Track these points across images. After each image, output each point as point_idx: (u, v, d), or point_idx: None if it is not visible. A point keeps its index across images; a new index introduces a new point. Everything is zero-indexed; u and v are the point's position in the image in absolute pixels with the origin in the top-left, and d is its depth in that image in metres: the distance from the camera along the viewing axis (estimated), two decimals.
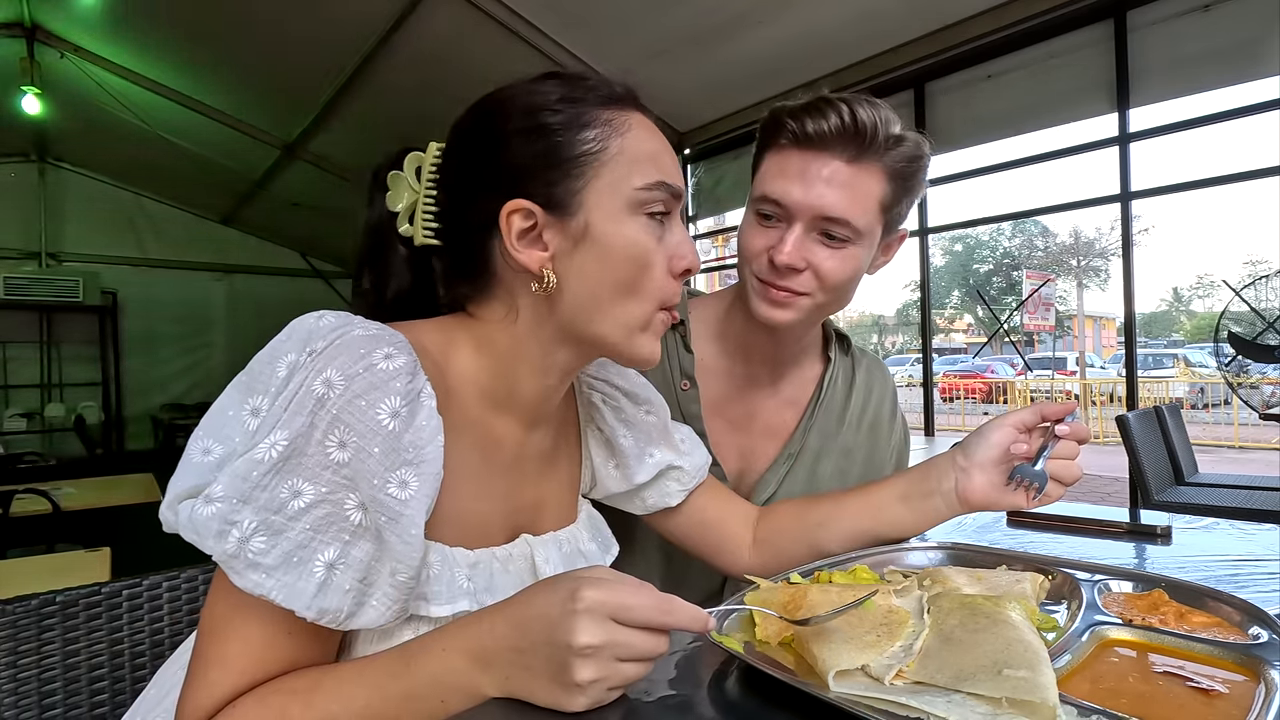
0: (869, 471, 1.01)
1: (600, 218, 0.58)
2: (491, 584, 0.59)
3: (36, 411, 6.72)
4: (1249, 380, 7.29)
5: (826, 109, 0.81)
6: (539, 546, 0.65)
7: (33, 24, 4.73)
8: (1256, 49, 2.93)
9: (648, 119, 0.63)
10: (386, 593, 0.51)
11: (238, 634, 0.50)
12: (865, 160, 0.81)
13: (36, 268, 6.64)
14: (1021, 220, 29.28)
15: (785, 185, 0.82)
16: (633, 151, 0.59)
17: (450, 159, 0.63)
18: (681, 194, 0.61)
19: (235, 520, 0.47)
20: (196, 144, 5.57)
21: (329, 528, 0.49)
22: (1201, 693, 0.46)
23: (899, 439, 1.07)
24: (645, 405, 0.79)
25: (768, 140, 0.87)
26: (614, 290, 0.59)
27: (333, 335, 0.51)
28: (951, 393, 16.60)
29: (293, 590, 0.48)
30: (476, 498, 0.60)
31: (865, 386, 1.04)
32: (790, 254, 0.82)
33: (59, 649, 0.75)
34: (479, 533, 0.61)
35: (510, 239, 0.58)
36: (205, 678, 0.50)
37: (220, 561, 0.48)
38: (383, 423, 0.50)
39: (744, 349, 0.97)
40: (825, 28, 3.52)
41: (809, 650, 0.51)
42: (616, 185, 0.58)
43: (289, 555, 0.48)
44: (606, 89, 0.61)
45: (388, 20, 3.97)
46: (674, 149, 0.80)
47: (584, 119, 0.58)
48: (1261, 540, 0.85)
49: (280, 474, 0.48)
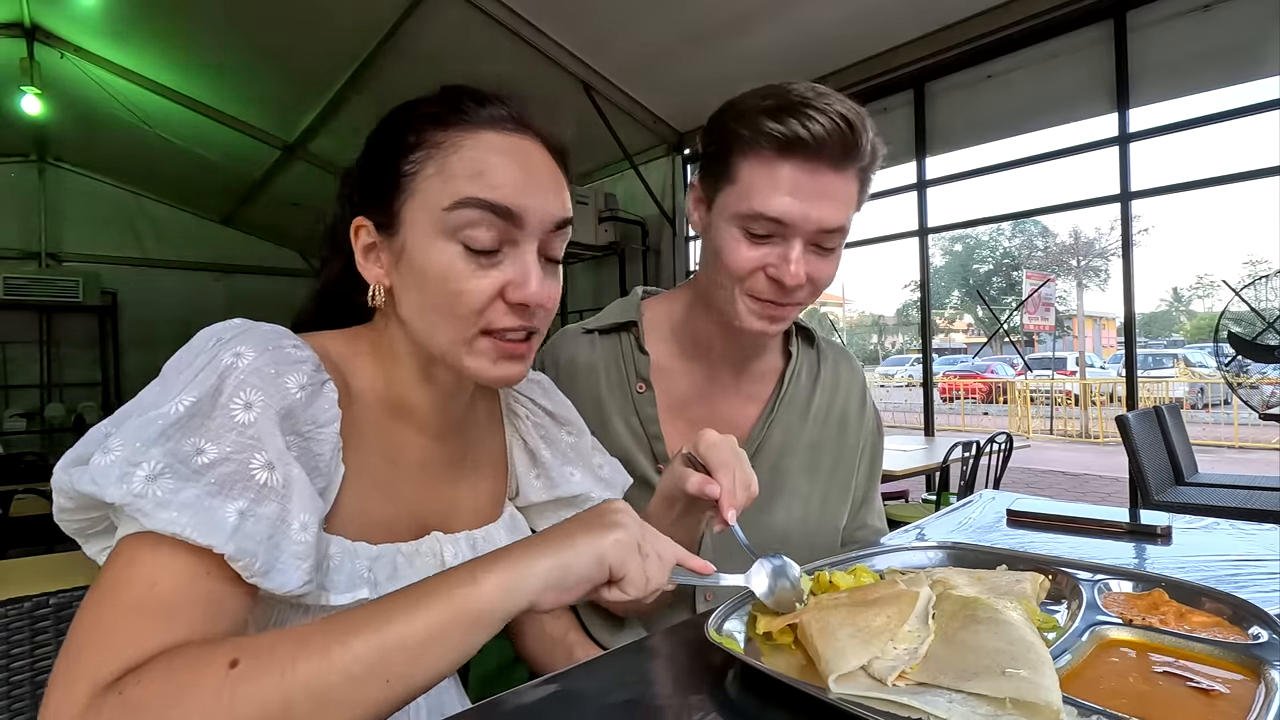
0: (838, 466, 0.99)
1: (414, 238, 0.58)
2: (395, 575, 0.59)
3: (36, 411, 6.72)
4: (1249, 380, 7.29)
5: (811, 111, 0.75)
6: (449, 543, 0.65)
7: (33, 24, 4.73)
8: (1256, 49, 2.94)
9: (512, 137, 0.59)
10: (295, 550, 0.49)
11: (141, 582, 0.44)
12: (848, 166, 0.79)
13: (36, 268, 6.63)
14: (1021, 220, 29.30)
15: (784, 202, 0.77)
16: (452, 171, 0.57)
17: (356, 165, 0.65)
18: (523, 216, 0.58)
19: (140, 461, 0.45)
20: (196, 144, 5.57)
21: (234, 485, 0.47)
22: (1201, 693, 0.46)
23: (870, 432, 1.05)
24: (567, 426, 0.80)
25: (741, 145, 0.79)
26: (429, 310, 0.59)
27: (240, 328, 0.54)
28: (951, 393, 16.60)
29: (210, 526, 0.45)
30: (377, 498, 0.61)
31: (831, 381, 1.02)
32: (798, 273, 0.79)
33: (53, 650, 0.75)
34: (383, 530, 0.61)
35: (358, 252, 0.61)
36: (100, 635, 0.43)
37: (124, 505, 0.44)
38: (290, 390, 0.51)
39: (703, 348, 0.95)
40: (825, 27, 3.52)
41: (812, 646, 0.51)
42: (426, 205, 0.57)
43: (199, 499, 0.45)
44: (473, 111, 0.59)
45: (389, 20, 3.97)
46: (673, 149, 0.80)
47: (421, 139, 0.58)
48: (1261, 540, 0.85)
49: (184, 430, 0.47)
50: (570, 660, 0.79)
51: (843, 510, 1.00)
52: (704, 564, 0.57)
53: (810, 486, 0.95)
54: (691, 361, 0.97)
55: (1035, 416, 12.82)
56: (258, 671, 0.41)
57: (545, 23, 3.90)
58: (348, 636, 0.43)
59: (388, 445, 0.63)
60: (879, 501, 1.08)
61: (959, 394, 16.41)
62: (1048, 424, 12.54)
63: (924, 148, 4.04)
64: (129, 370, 7.18)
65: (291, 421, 0.51)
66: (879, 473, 1.08)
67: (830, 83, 0.79)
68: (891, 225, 4.39)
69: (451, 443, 0.69)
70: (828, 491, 0.97)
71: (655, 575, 0.53)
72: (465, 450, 0.71)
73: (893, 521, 1.16)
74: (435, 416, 0.66)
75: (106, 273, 6.92)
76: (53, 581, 0.76)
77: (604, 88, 4.32)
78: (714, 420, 0.97)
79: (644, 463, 0.92)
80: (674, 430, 0.94)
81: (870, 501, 1.05)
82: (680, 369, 0.97)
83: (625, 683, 0.54)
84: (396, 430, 0.64)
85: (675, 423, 0.95)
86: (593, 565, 0.50)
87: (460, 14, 3.79)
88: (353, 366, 0.62)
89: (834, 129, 0.75)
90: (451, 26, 3.88)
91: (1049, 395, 13.15)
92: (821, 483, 0.96)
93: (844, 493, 1.00)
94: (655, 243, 5.20)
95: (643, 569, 0.52)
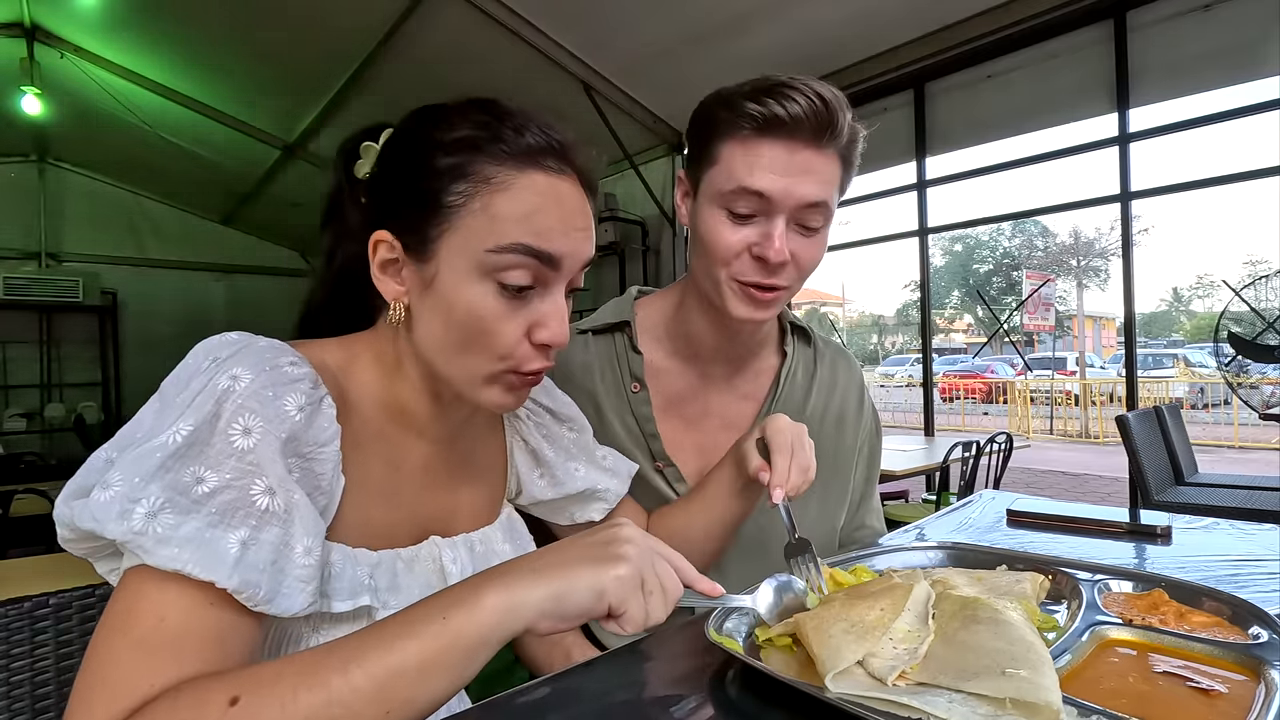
0: (836, 466, 0.99)
1: (448, 272, 0.56)
2: (395, 583, 0.59)
3: (36, 411, 6.71)
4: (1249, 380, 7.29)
5: (789, 91, 0.77)
6: (447, 547, 0.65)
7: (33, 24, 4.72)
8: (1256, 49, 2.94)
9: (554, 178, 0.58)
10: (299, 574, 0.49)
11: (149, 616, 0.45)
12: (826, 144, 0.79)
13: (36, 268, 6.62)
14: (1021, 220, 29.28)
15: (765, 177, 0.78)
16: (499, 212, 0.55)
17: (379, 160, 0.63)
18: (562, 260, 0.57)
19: (139, 498, 0.45)
20: (196, 144, 5.57)
21: (235, 513, 0.47)
22: (1201, 693, 0.46)
23: (868, 431, 1.05)
24: (568, 423, 0.81)
25: (722, 129, 0.81)
26: (452, 344, 0.58)
27: (236, 345, 0.52)
28: (951, 393, 16.59)
29: (211, 559, 0.45)
30: (380, 506, 0.60)
31: (829, 380, 1.02)
32: (781, 249, 0.79)
33: (52, 651, 0.75)
34: (384, 536, 0.61)
35: (374, 265, 0.59)
36: (115, 671, 0.43)
37: (125, 541, 0.44)
38: (289, 412, 0.51)
39: (697, 346, 0.95)
40: (825, 28, 3.52)
41: (809, 646, 0.51)
42: (468, 244, 0.56)
43: (199, 533, 0.45)
44: (514, 140, 0.57)
45: (389, 20, 3.97)
46: (673, 149, 0.80)
47: (464, 169, 0.56)
48: (1261, 540, 0.85)
49: (183, 459, 0.47)
50: (569, 660, 0.79)
51: (840, 511, 1.00)
52: (712, 586, 0.55)
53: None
54: (685, 360, 0.97)
55: (1035, 416, 12.81)
56: (258, 707, 0.42)
57: (545, 23, 3.90)
58: (347, 666, 0.44)
59: (388, 452, 0.62)
60: (877, 502, 1.07)
61: (959, 394, 16.40)
62: (1048, 424, 12.54)
63: (924, 148, 4.04)
64: (129, 370, 7.17)
65: (293, 445, 0.51)
66: (877, 473, 1.07)
67: (830, 82, 0.80)
68: (891, 225, 4.40)
69: (452, 447, 0.69)
70: (825, 492, 0.97)
71: (656, 612, 0.50)
72: (466, 454, 0.71)
73: (893, 521, 1.16)
74: (437, 423, 0.66)
75: (106, 273, 6.91)
76: (53, 581, 0.76)
77: (604, 88, 4.32)
78: (710, 418, 0.97)
79: (642, 461, 0.92)
80: (670, 429, 0.94)
81: (868, 502, 1.05)
82: (674, 368, 0.97)
83: (625, 683, 0.54)
84: (397, 436, 0.64)
85: (671, 421, 0.95)
86: (591, 600, 0.48)
87: (460, 14, 3.78)
88: (351, 375, 0.61)
89: (810, 107, 0.77)
90: (451, 27, 3.88)
91: (1049, 395, 13.14)
92: (819, 482, 0.96)
93: (841, 493, 1.00)
94: (655, 243, 5.20)
95: (644, 606, 0.50)
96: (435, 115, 0.60)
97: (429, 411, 0.64)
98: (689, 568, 0.54)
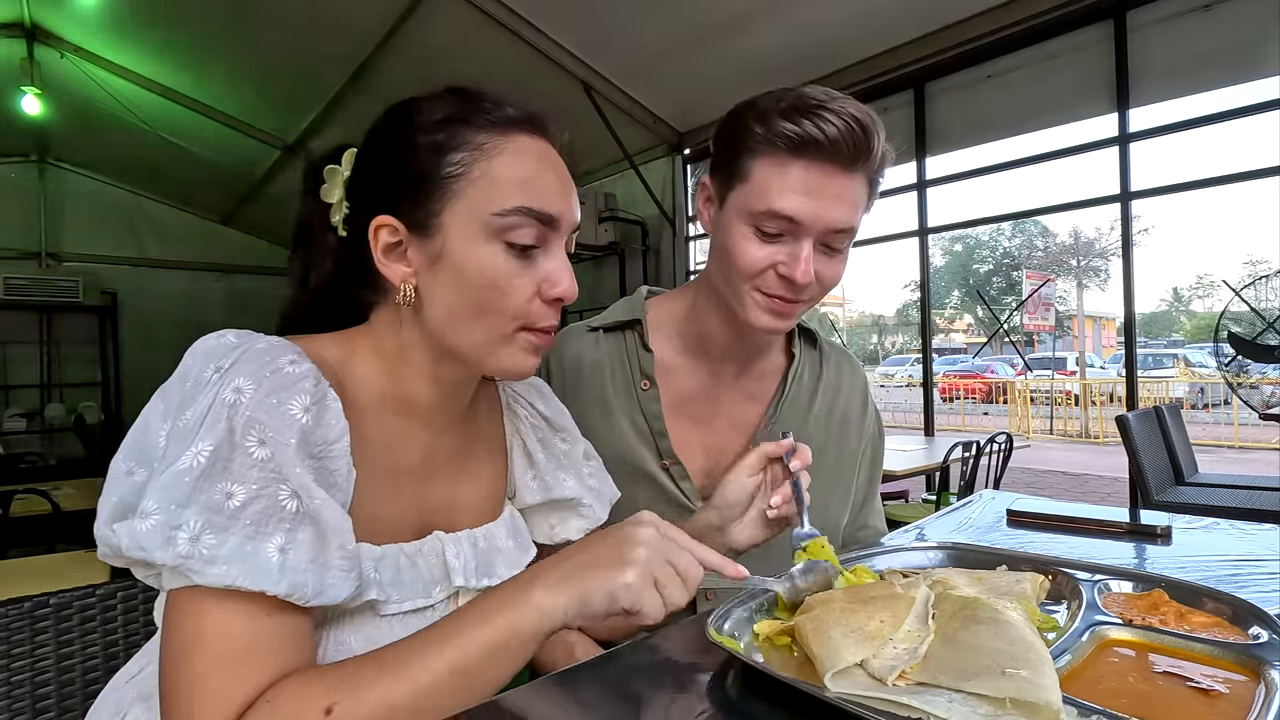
0: (840, 468, 1.00)
1: (456, 240, 0.59)
2: (398, 577, 0.60)
3: (36, 411, 6.72)
4: (1249, 380, 7.30)
5: (825, 113, 0.76)
6: (450, 542, 0.65)
7: (33, 24, 4.72)
8: (1256, 49, 2.93)
9: (538, 142, 0.62)
10: (340, 565, 0.52)
11: (219, 634, 0.49)
12: (858, 169, 0.79)
13: (36, 268, 6.63)
14: (1021, 220, 29.28)
15: (796, 200, 0.78)
16: (498, 176, 0.59)
17: (356, 163, 0.64)
18: (560, 220, 0.61)
19: (179, 524, 0.48)
20: (196, 144, 5.57)
21: (269, 520, 0.50)
22: (1201, 693, 0.46)
23: (871, 434, 1.05)
24: (561, 433, 0.81)
25: (755, 144, 0.80)
26: (467, 310, 0.60)
27: (236, 351, 0.54)
28: (951, 393, 16.60)
29: (258, 571, 0.48)
30: (383, 499, 0.61)
31: (834, 382, 1.02)
32: (808, 271, 0.80)
33: (53, 650, 0.75)
34: (387, 530, 0.61)
35: (377, 252, 0.60)
36: (205, 689, 0.48)
37: (175, 566, 0.47)
38: (295, 416, 0.52)
39: (708, 345, 0.96)
40: (825, 28, 3.52)
41: (808, 647, 0.51)
42: (474, 209, 0.58)
43: (241, 547, 0.49)
44: (495, 111, 0.61)
45: (389, 20, 3.97)
46: (673, 149, 0.80)
47: (454, 141, 0.59)
48: (1261, 540, 0.85)
49: (210, 479, 0.49)
50: (571, 659, 0.79)
51: (843, 511, 1.00)
52: (737, 569, 0.58)
53: (812, 487, 0.96)
54: (695, 360, 0.97)
55: (1035, 416, 12.82)
56: (353, 713, 0.47)
57: (545, 23, 3.90)
58: (428, 659, 0.50)
59: (391, 444, 0.63)
60: (879, 502, 1.08)
61: (959, 394, 16.40)
62: (1048, 424, 12.54)
63: (924, 148, 4.04)
64: (129, 370, 7.17)
65: (306, 447, 0.53)
66: (879, 475, 1.08)
67: (830, 83, 0.80)
68: (891, 225, 4.39)
69: (454, 436, 0.69)
70: (829, 492, 0.98)
71: (675, 598, 0.54)
72: (467, 443, 0.71)
73: (893, 522, 1.16)
74: (439, 410, 0.66)
75: (106, 272, 6.91)
76: (53, 581, 0.76)
77: (604, 88, 4.32)
78: (718, 418, 0.97)
79: (649, 459, 0.92)
80: (678, 427, 0.95)
81: (871, 503, 1.05)
82: (684, 367, 0.97)
83: (625, 682, 0.54)
84: (399, 427, 0.64)
85: (679, 420, 0.95)
86: (607, 604, 0.53)
87: (460, 14, 3.78)
88: (350, 369, 0.62)
89: (847, 130, 0.76)
90: (451, 27, 3.88)
91: (1049, 395, 13.15)
92: (823, 483, 0.96)
93: (845, 494, 1.00)
94: (655, 243, 5.20)
95: (658, 601, 0.53)
96: (411, 106, 0.62)
97: (432, 399, 0.65)
98: (711, 554, 0.57)
